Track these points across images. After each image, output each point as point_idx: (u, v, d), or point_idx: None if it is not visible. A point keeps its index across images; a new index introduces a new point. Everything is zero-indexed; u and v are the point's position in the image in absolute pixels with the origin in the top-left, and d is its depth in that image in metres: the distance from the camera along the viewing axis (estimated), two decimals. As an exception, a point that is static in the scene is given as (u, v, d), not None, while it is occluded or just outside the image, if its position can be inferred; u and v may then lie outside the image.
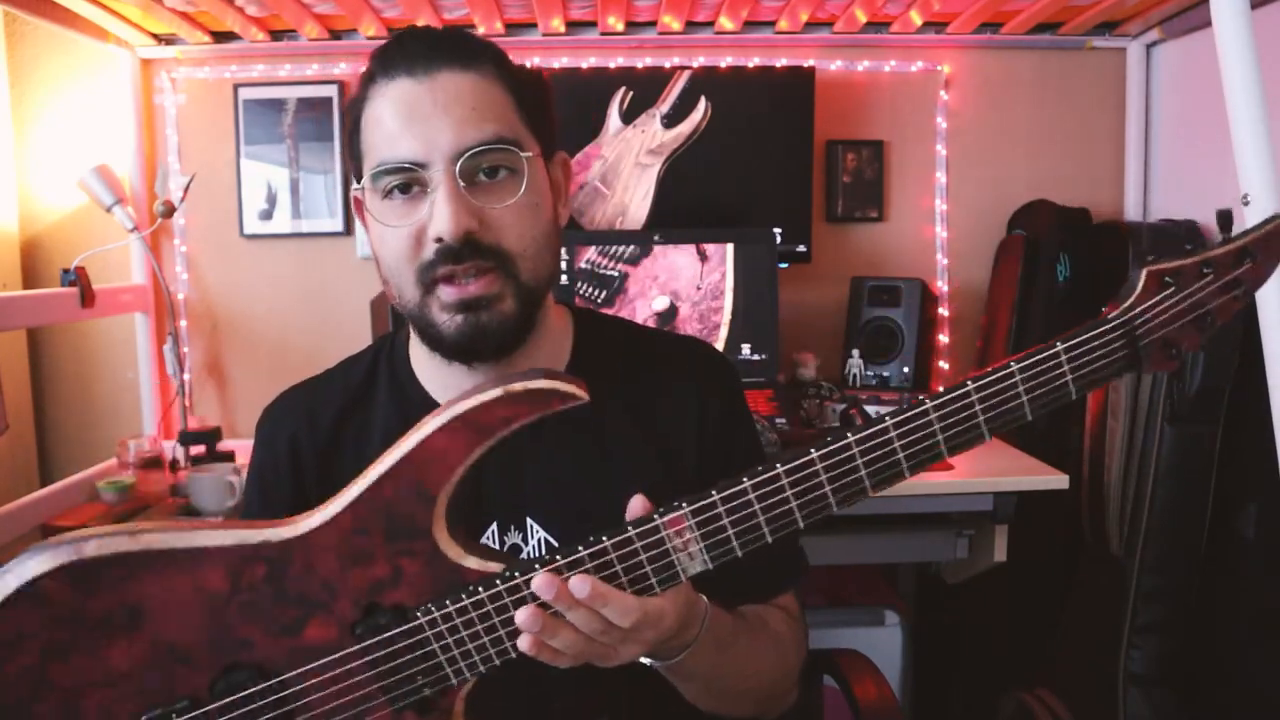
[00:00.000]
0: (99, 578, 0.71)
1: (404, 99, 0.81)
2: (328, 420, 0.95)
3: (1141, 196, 2.26)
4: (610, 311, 1.98)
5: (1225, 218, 0.70)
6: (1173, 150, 2.20)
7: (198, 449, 1.98)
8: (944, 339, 2.29)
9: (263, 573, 0.73)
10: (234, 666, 0.73)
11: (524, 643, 0.70)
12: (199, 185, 2.16)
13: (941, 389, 0.71)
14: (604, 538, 0.71)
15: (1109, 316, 0.70)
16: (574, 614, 0.70)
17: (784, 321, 2.03)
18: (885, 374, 2.13)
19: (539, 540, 0.89)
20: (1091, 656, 1.78)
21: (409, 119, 0.80)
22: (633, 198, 2.16)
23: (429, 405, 0.92)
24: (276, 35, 2.18)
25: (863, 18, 2.13)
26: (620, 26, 2.18)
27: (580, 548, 0.71)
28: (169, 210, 2.11)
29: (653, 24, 2.19)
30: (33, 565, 0.71)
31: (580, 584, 0.69)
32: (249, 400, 2.27)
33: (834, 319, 2.23)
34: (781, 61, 2.20)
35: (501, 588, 0.71)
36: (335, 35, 2.19)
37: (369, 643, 0.73)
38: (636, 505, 0.73)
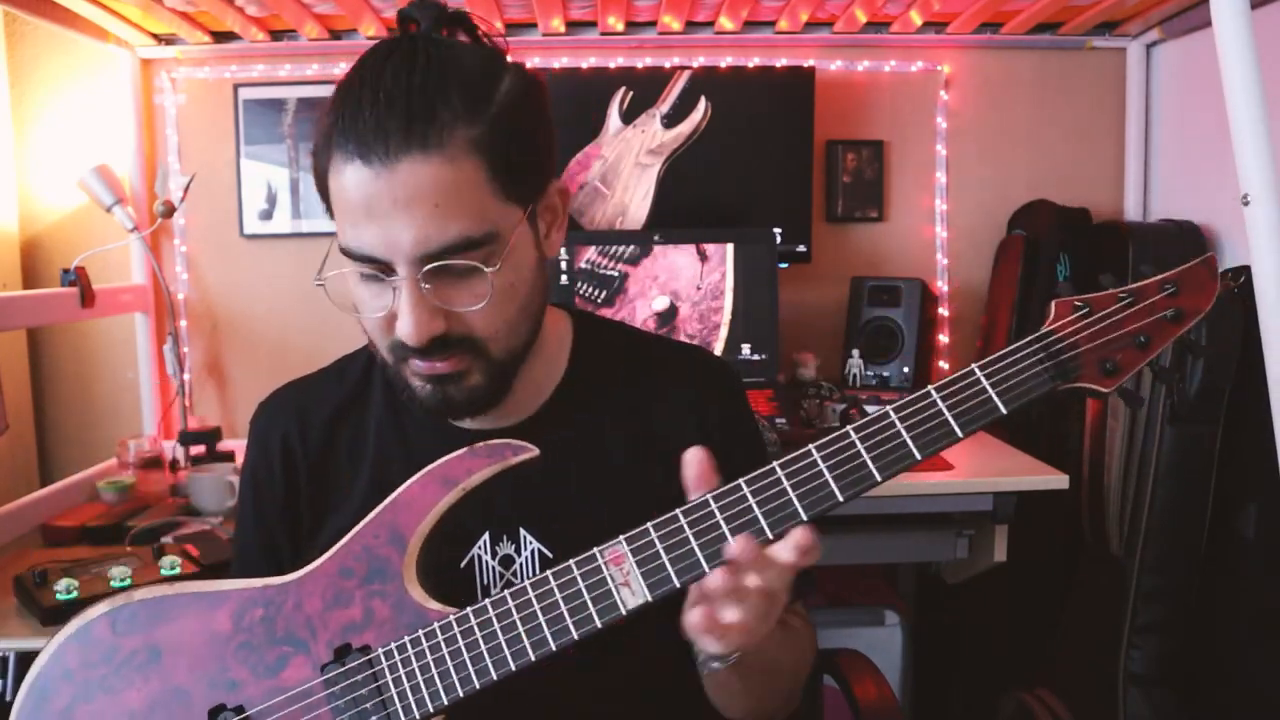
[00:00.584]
0: (135, 619, 0.79)
1: (360, 189, 0.73)
2: (321, 420, 0.94)
3: (1141, 196, 2.26)
4: (610, 312, 2.00)
5: (1118, 280, 0.78)
6: (1173, 150, 2.20)
7: (198, 449, 1.98)
8: (944, 339, 2.29)
9: (260, 614, 0.78)
10: (219, 709, 0.77)
11: (695, 616, 0.70)
12: (199, 185, 2.16)
13: (862, 417, 0.74)
14: (548, 571, 0.74)
15: (1025, 339, 0.74)
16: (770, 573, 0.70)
17: (784, 321, 2.03)
18: (885, 374, 2.13)
19: (532, 551, 0.88)
20: (1091, 656, 1.79)
21: (368, 214, 0.74)
22: (633, 198, 2.16)
23: (429, 417, 0.91)
24: (276, 35, 2.18)
25: (863, 18, 2.13)
26: (620, 26, 2.18)
27: (527, 583, 0.74)
28: (169, 210, 2.11)
29: (653, 24, 2.19)
30: (92, 611, 0.80)
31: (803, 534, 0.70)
32: (249, 400, 2.24)
33: (834, 319, 2.23)
34: (781, 61, 2.20)
35: (454, 621, 0.75)
36: (335, 35, 2.19)
37: (329, 676, 0.76)
38: (695, 466, 0.72)
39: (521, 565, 0.88)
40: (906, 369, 2.12)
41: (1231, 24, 1.04)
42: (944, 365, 2.28)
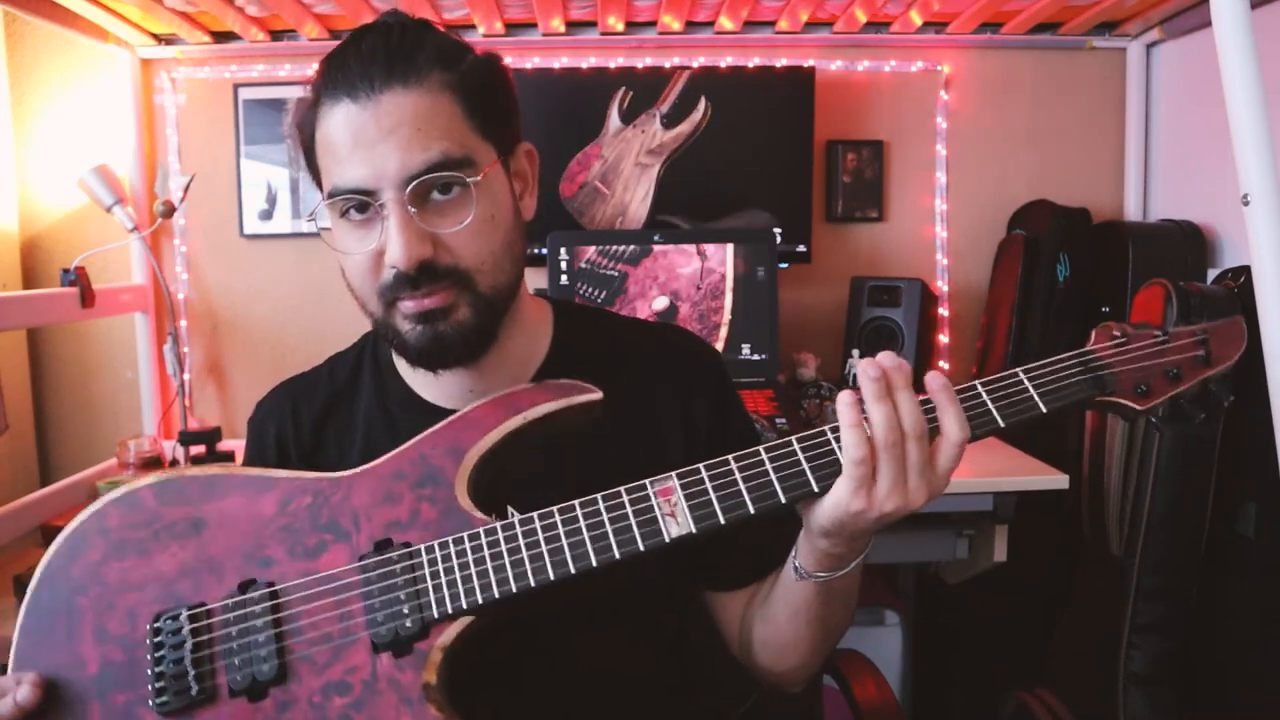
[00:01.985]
0: (183, 492, 0.81)
1: (348, 124, 0.79)
2: (312, 415, 0.97)
3: (1141, 196, 2.26)
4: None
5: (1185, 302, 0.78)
6: (1173, 150, 2.20)
7: (198, 449, 1.98)
8: (944, 339, 2.29)
9: (307, 502, 0.80)
10: (251, 582, 0.78)
11: (845, 400, 0.73)
12: (199, 185, 2.16)
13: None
14: (597, 495, 0.76)
15: (1066, 354, 0.80)
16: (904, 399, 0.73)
17: (784, 321, 2.03)
18: (885, 374, 2.13)
19: None
20: (1091, 656, 1.78)
21: (355, 145, 0.79)
22: (633, 198, 2.16)
23: (410, 399, 0.94)
24: (276, 35, 2.18)
25: (863, 18, 2.13)
26: (620, 26, 2.18)
27: (576, 502, 0.76)
28: (169, 210, 2.11)
29: (653, 24, 2.19)
30: (142, 480, 0.82)
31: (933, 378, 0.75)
32: (249, 400, 2.24)
33: (834, 319, 2.23)
34: (781, 61, 2.20)
35: (499, 528, 0.76)
36: (335, 35, 2.19)
37: (366, 562, 0.77)
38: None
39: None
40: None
41: (1231, 24, 1.04)
42: (944, 365, 2.28)
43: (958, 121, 2.28)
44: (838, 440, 0.74)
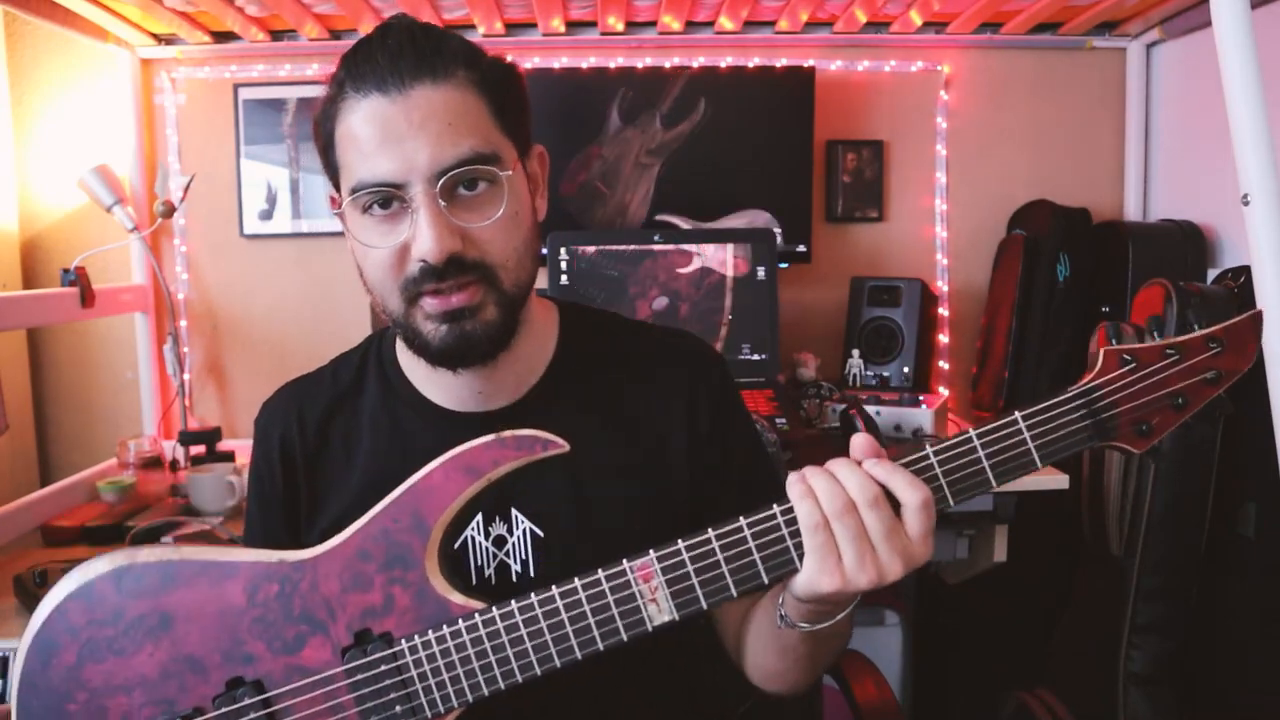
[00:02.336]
0: (142, 582, 0.78)
1: (378, 117, 0.79)
2: (315, 419, 0.96)
3: (1141, 196, 2.26)
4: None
5: (1157, 323, 0.74)
6: (1173, 150, 2.20)
7: (198, 449, 1.98)
8: (944, 339, 2.29)
9: (275, 590, 0.78)
10: (237, 682, 0.77)
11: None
12: (199, 185, 2.16)
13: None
14: (577, 580, 0.74)
15: (1070, 390, 0.74)
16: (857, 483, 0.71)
17: (784, 321, 2.03)
18: (885, 374, 2.13)
19: (524, 531, 0.90)
20: (1091, 656, 1.78)
21: (384, 139, 0.79)
22: (633, 198, 2.16)
23: (418, 402, 0.93)
24: (276, 35, 2.18)
25: (863, 18, 2.13)
26: (620, 26, 2.18)
27: (554, 587, 0.75)
28: (169, 210, 2.11)
29: (653, 24, 2.19)
30: (94, 568, 0.79)
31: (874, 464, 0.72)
32: (249, 400, 2.26)
33: (834, 319, 2.23)
34: (781, 61, 2.20)
35: (479, 621, 0.75)
36: (335, 35, 2.19)
37: (353, 665, 0.76)
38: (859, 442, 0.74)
39: (514, 545, 0.90)
40: (906, 369, 2.12)
41: (1231, 24, 1.04)
42: (944, 365, 2.28)
43: (958, 121, 2.28)
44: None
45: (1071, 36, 2.23)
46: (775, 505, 0.73)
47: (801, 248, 2.17)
